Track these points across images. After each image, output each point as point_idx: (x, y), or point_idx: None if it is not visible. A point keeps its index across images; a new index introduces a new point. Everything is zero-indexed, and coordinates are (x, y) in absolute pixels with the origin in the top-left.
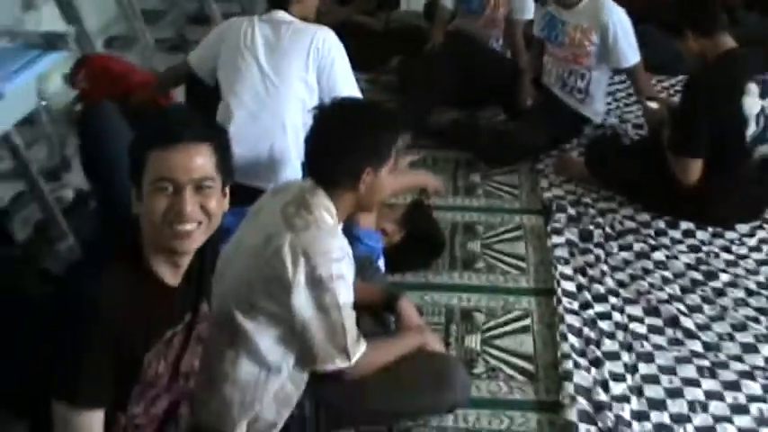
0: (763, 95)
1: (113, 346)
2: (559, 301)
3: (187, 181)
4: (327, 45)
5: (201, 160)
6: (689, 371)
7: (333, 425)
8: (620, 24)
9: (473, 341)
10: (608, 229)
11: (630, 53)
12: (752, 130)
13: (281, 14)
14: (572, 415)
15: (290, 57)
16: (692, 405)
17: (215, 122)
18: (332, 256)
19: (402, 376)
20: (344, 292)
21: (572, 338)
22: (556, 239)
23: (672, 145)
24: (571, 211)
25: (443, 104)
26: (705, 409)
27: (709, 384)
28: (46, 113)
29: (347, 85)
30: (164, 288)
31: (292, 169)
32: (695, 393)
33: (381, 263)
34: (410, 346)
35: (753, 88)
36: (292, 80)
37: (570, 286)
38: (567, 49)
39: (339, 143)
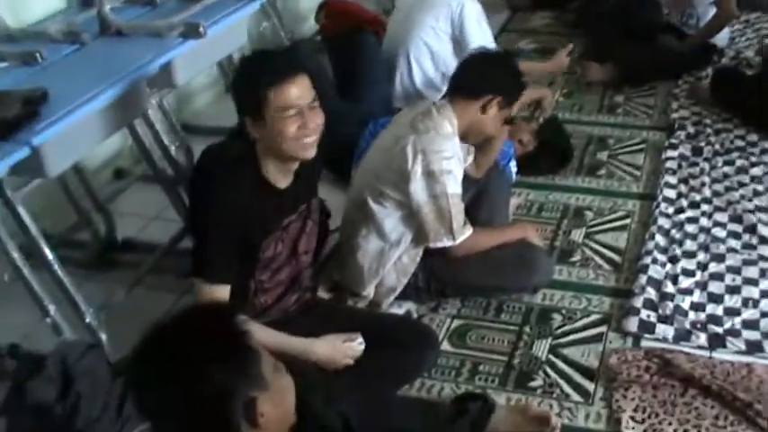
0: None
1: (237, 233)
2: (657, 206)
3: (306, 105)
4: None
5: (307, 87)
6: (752, 272)
7: (440, 293)
8: None
9: (578, 234)
10: (717, 146)
11: None
12: None
13: None
14: (638, 302)
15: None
16: (745, 301)
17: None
18: (444, 155)
19: (496, 258)
20: (452, 185)
21: (659, 237)
22: (670, 153)
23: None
24: (690, 129)
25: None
26: (756, 305)
27: (766, 284)
28: None
29: (478, 39)
30: (275, 190)
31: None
32: (751, 291)
33: (513, 165)
34: (512, 236)
35: None
36: (424, 25)
37: (671, 193)
38: None
39: (486, 69)
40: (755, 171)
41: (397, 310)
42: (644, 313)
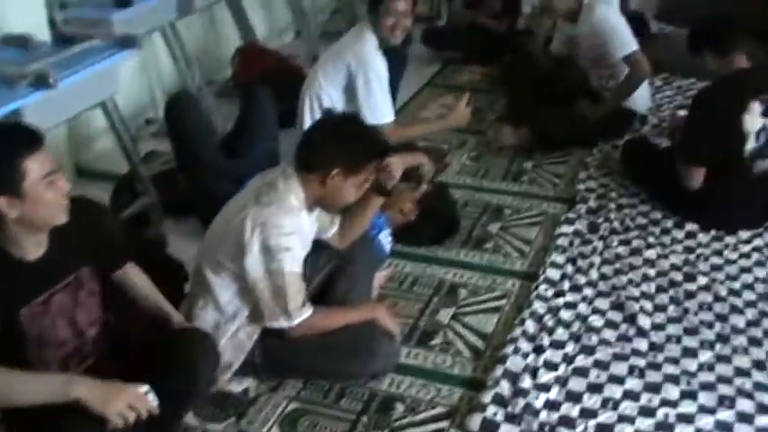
0: (765, 113)
1: None
2: (537, 287)
3: (58, 168)
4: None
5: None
6: (620, 368)
7: (277, 374)
8: (605, 20)
9: (445, 315)
10: (616, 224)
11: (618, 45)
12: (751, 145)
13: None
14: (487, 397)
15: (334, 57)
16: (605, 402)
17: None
18: (283, 231)
19: (332, 342)
20: (290, 263)
21: (529, 323)
22: (564, 228)
23: (678, 152)
24: (592, 203)
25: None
26: (616, 407)
27: (632, 384)
28: None
29: (370, 104)
30: (22, 263)
31: None
32: (614, 391)
33: (386, 236)
34: (360, 317)
35: (755, 107)
36: (325, 76)
37: (555, 274)
38: (588, 57)
39: (323, 139)
40: (649, 253)
41: (236, 387)
42: (491, 410)
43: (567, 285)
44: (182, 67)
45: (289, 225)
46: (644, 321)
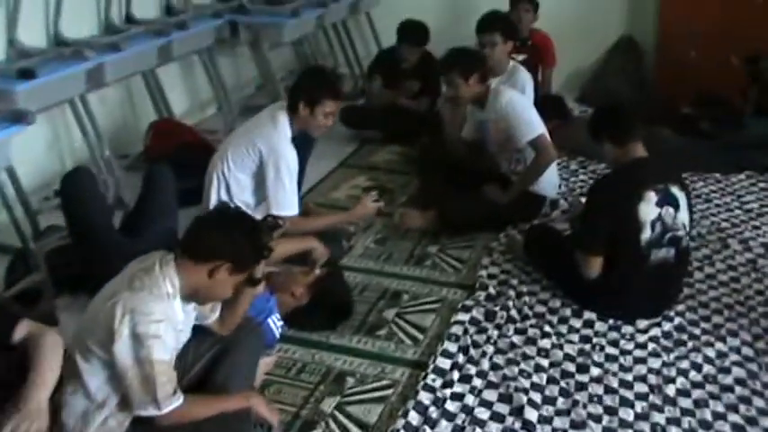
0: (660, 203)
1: None
2: (425, 377)
3: None
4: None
5: None
6: None
7: None
8: (511, 104)
9: (329, 404)
10: (514, 312)
11: (524, 130)
12: (647, 234)
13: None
14: None
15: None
16: None
17: None
18: (153, 318)
19: (204, 430)
20: (160, 351)
21: (412, 415)
22: (460, 316)
23: (575, 240)
24: (492, 290)
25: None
26: None
27: None
28: None
29: (278, 194)
30: None
31: None
32: None
33: (276, 320)
34: (233, 405)
35: (651, 196)
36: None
37: (445, 363)
38: (496, 142)
39: (214, 231)
40: (544, 342)
41: None
42: None
43: (456, 375)
44: (91, 140)
45: (159, 312)
46: (531, 414)
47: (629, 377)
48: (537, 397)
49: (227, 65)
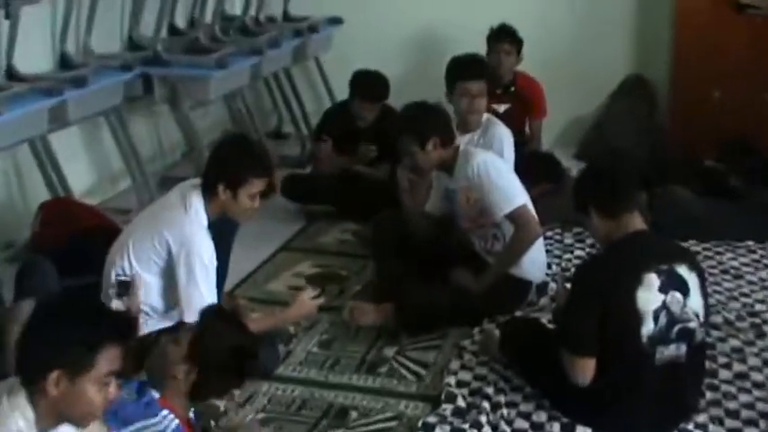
0: (664, 288)
1: None
2: None
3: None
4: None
5: None
6: None
7: None
8: (484, 169)
9: None
10: (487, 430)
11: (501, 199)
12: (649, 328)
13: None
14: None
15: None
16: None
17: None
18: None
19: None
20: None
21: None
22: None
23: (559, 339)
24: (461, 402)
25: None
26: None
27: None
28: None
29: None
30: None
31: None
32: None
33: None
34: None
35: (651, 280)
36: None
37: None
38: (468, 215)
39: (29, 336)
40: None
41: None
42: None
43: None
44: None
45: None
46: None
47: None
48: None
49: (143, 128)
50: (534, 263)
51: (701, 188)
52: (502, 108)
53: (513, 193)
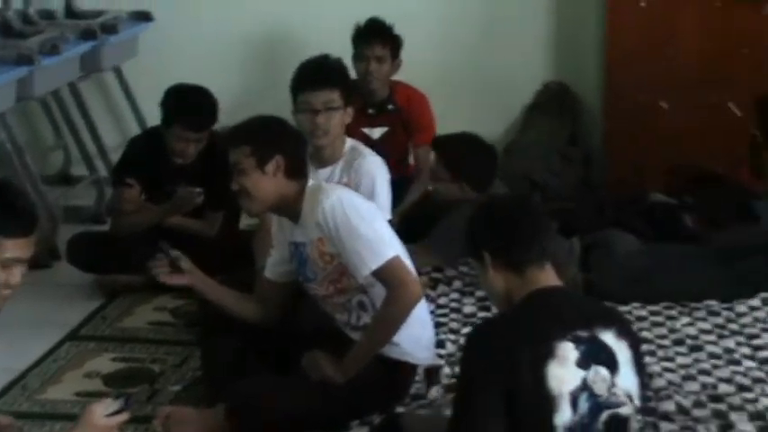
0: (583, 363)
1: None
2: None
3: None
4: None
5: None
6: None
7: None
8: (339, 213)
9: None
10: None
11: (364, 253)
12: (565, 416)
13: None
14: None
15: None
16: None
17: None
18: None
19: None
20: None
21: None
22: None
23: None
24: None
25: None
26: None
27: None
28: None
29: None
30: None
31: None
32: None
33: None
34: None
35: (566, 351)
36: None
37: None
38: (324, 278)
39: None
40: None
41: None
42: None
43: None
44: None
45: None
46: None
47: None
48: None
49: None
50: (418, 339)
51: (647, 231)
52: (377, 133)
53: (380, 244)
